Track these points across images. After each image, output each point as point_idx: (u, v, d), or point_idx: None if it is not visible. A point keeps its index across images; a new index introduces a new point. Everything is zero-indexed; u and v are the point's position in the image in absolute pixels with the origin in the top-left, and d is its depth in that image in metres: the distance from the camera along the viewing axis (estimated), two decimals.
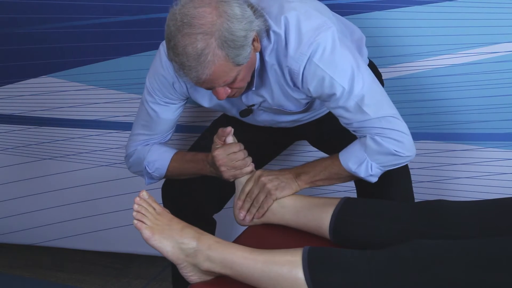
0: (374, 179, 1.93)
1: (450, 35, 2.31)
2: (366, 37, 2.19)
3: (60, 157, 2.81)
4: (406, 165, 2.01)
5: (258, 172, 1.97)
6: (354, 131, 1.91)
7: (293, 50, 1.82)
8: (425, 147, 2.45)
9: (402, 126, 1.88)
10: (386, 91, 2.28)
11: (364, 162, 1.89)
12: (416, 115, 2.42)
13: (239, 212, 1.98)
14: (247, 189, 1.96)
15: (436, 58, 2.34)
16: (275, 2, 1.87)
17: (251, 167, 1.97)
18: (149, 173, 2.10)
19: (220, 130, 1.95)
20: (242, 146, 1.95)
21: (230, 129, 1.94)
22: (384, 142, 1.86)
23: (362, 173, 1.91)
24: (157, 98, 2.01)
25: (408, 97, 2.40)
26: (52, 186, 2.84)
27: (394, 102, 2.27)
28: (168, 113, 2.04)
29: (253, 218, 1.97)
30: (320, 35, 1.81)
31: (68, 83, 2.69)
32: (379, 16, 2.32)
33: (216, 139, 1.95)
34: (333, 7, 2.30)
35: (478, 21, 2.28)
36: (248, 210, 1.97)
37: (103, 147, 2.76)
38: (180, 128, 2.57)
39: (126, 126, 2.69)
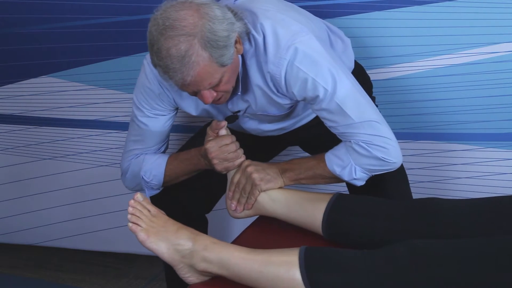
0: (359, 183, 1.93)
1: (450, 35, 2.31)
2: (365, 37, 2.19)
3: (60, 157, 2.81)
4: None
5: (246, 162, 1.97)
6: (339, 135, 1.91)
7: (272, 54, 1.83)
8: (425, 147, 2.45)
9: (387, 132, 1.88)
10: (385, 91, 2.29)
11: (348, 166, 1.90)
12: (416, 115, 2.42)
13: (230, 203, 1.98)
14: (236, 179, 1.97)
15: (436, 58, 2.34)
16: (251, 9, 1.88)
17: (242, 158, 1.97)
18: (147, 182, 2.09)
19: (215, 122, 1.96)
20: (234, 138, 1.96)
21: (224, 123, 1.95)
22: (370, 148, 1.86)
23: (345, 176, 1.91)
24: (145, 111, 2.01)
25: (408, 97, 2.40)
26: (52, 186, 2.85)
27: (394, 102, 2.28)
28: (158, 125, 2.04)
29: (243, 208, 1.97)
30: (297, 39, 1.82)
31: (68, 83, 2.69)
32: (379, 16, 2.32)
33: (209, 131, 1.96)
34: (332, 7, 2.31)
35: (478, 21, 2.27)
36: (238, 201, 1.97)
37: (103, 147, 2.76)
38: (179, 128, 2.57)
39: (126, 126, 2.67)
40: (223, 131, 1.96)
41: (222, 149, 1.93)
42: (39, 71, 2.70)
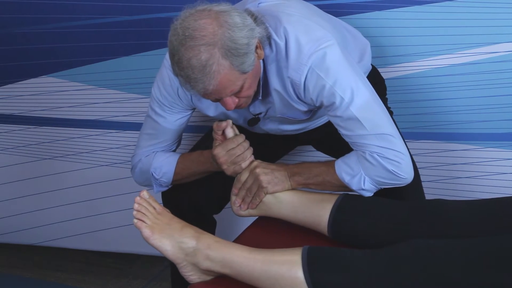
0: (367, 194, 1.91)
1: (450, 35, 2.31)
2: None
3: (60, 157, 2.81)
4: (414, 163, 2.00)
5: (255, 163, 1.97)
6: (351, 144, 1.90)
7: (294, 60, 1.83)
8: (425, 147, 2.45)
9: (401, 146, 1.87)
10: (387, 91, 2.29)
11: (357, 175, 1.88)
12: (416, 115, 2.42)
13: (235, 200, 1.98)
14: (243, 178, 1.96)
15: (436, 58, 2.34)
16: (275, 13, 1.87)
17: (249, 160, 1.97)
18: (157, 179, 2.09)
19: (215, 124, 1.95)
20: (241, 139, 1.95)
21: (226, 123, 1.95)
22: (382, 161, 1.85)
23: (354, 185, 1.90)
24: (163, 107, 2.02)
25: (408, 97, 2.40)
26: (52, 186, 2.84)
27: (394, 102, 2.28)
28: (174, 122, 2.05)
29: (247, 207, 1.97)
30: (320, 46, 1.82)
31: (68, 83, 2.69)
32: (379, 16, 2.32)
33: (215, 135, 1.95)
34: (333, 7, 2.31)
35: (478, 21, 2.27)
36: (243, 199, 1.97)
37: (103, 147, 2.76)
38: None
39: (126, 126, 2.69)
40: (230, 132, 1.96)
41: (230, 153, 1.94)
42: (39, 71, 2.69)
